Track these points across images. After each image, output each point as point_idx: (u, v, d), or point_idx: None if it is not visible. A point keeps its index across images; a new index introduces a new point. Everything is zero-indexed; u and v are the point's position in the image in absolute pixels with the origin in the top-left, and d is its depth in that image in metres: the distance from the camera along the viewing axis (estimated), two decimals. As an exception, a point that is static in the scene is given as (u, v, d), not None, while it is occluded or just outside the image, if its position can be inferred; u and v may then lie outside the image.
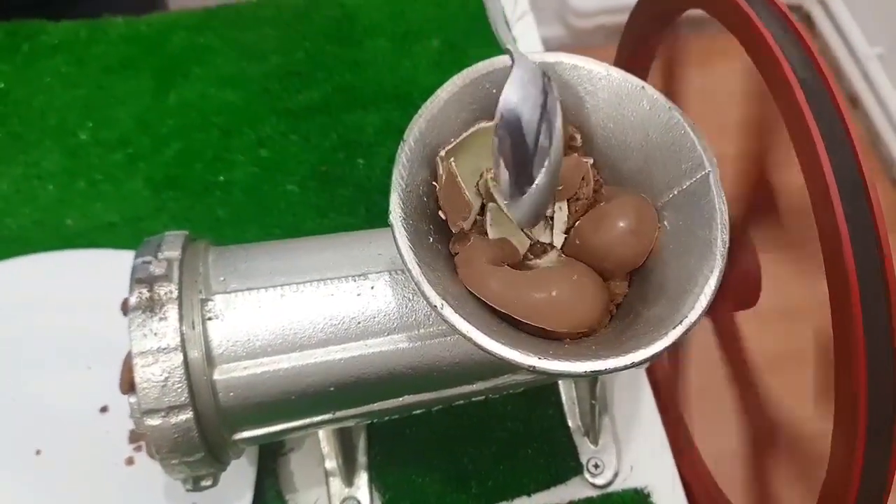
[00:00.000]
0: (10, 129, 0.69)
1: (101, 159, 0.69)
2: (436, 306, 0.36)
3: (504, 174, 0.34)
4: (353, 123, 0.72)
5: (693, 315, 0.36)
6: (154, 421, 0.40)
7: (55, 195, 0.67)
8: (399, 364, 0.43)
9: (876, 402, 0.35)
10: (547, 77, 0.35)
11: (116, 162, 0.68)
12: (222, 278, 0.43)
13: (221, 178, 0.68)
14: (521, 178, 0.33)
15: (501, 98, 0.33)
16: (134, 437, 0.55)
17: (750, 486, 0.50)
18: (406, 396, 0.45)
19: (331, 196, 0.68)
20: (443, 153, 0.40)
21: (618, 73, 0.42)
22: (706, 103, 0.54)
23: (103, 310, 0.58)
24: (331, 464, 0.54)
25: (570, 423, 0.57)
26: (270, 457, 0.56)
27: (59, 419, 0.55)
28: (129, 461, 0.55)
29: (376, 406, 0.45)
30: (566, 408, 0.57)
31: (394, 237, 0.38)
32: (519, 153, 0.32)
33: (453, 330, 0.35)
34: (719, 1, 0.41)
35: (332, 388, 0.43)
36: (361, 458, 0.55)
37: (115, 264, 0.60)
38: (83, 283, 0.59)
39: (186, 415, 0.40)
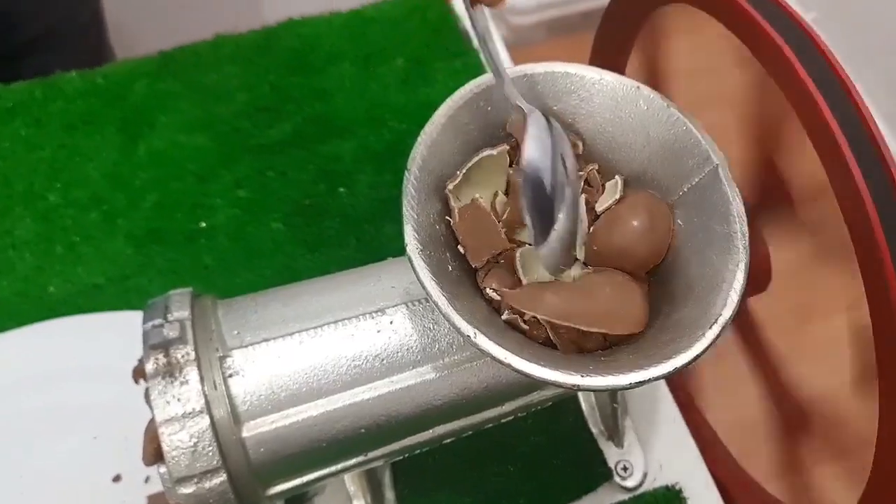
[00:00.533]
0: (-24, 201, 0.67)
1: (76, 220, 0.67)
2: (469, 336, 0.35)
3: (531, 227, 0.34)
4: (329, 153, 0.71)
5: (727, 312, 0.36)
6: (188, 489, 0.38)
7: (33, 263, 0.64)
8: (428, 396, 0.42)
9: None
10: (547, 118, 0.36)
11: (92, 221, 0.66)
12: (236, 332, 0.42)
13: (203, 224, 0.66)
14: (546, 223, 0.33)
15: (524, 160, 0.33)
16: (153, 502, 0.53)
17: (785, 470, 0.50)
18: (437, 428, 0.44)
19: (318, 230, 0.67)
20: (451, 187, 0.39)
21: (611, 77, 0.42)
22: (694, 77, 0.54)
23: (101, 376, 0.56)
24: (359, 503, 0.53)
25: (592, 429, 0.57)
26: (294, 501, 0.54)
27: (71, 494, 0.53)
28: (151, 529, 0.53)
29: (408, 441, 0.44)
30: (587, 414, 0.57)
31: (414, 270, 0.37)
32: (540, 200, 0.33)
33: (490, 357, 0.35)
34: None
35: (362, 430, 0.42)
36: (389, 494, 0.54)
37: (108, 328, 0.58)
38: (77, 350, 0.57)
39: (220, 478, 0.39)
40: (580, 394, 0.57)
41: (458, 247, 0.40)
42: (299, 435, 0.41)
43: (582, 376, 0.34)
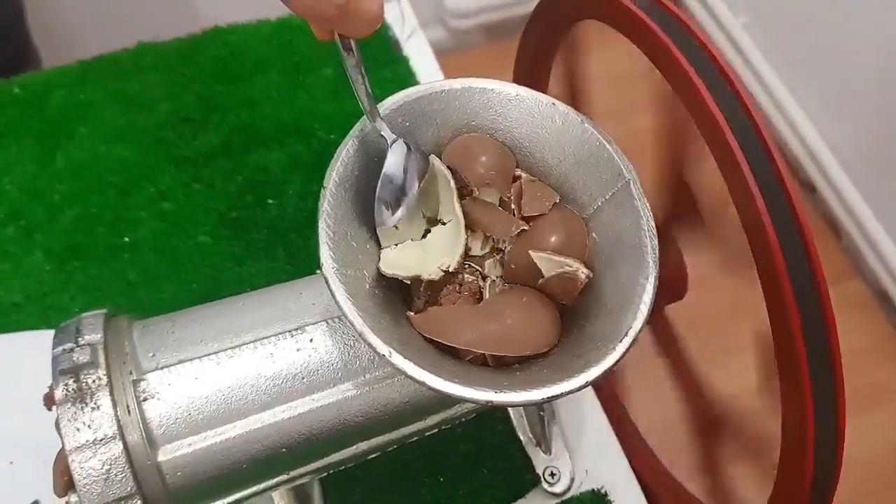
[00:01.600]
0: None
1: (-8, 236, 0.64)
2: (384, 355, 0.35)
3: (383, 209, 0.40)
4: (256, 163, 0.70)
5: (636, 325, 0.36)
6: (101, 517, 0.38)
7: (-54, 281, 0.62)
8: (349, 413, 0.42)
9: (817, 376, 0.37)
10: (408, 147, 0.41)
11: (9, 237, 0.64)
12: (152, 354, 0.41)
13: (126, 239, 0.65)
14: (394, 210, 0.40)
15: (384, 169, 0.40)
16: (74, 528, 0.52)
17: (702, 470, 0.52)
18: (360, 444, 0.44)
19: (245, 242, 0.66)
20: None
21: (527, 93, 0.43)
22: (616, 85, 0.55)
23: (18, 399, 0.54)
24: (288, 519, 0.53)
25: (521, 437, 0.57)
26: (223, 522, 0.54)
27: (-14, 523, 0.52)
28: (73, 555, 0.51)
29: (331, 458, 0.44)
30: (515, 422, 0.57)
31: (329, 290, 0.37)
32: (390, 196, 0.40)
33: (405, 376, 0.35)
34: (612, 9, 0.42)
35: (283, 450, 0.41)
36: (318, 508, 0.53)
37: (26, 348, 0.57)
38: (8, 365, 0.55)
39: (134, 504, 0.38)
40: (507, 403, 0.58)
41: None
42: (218, 457, 0.40)
43: (496, 392, 0.35)
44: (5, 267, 0.63)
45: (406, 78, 0.76)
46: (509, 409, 0.58)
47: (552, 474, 0.56)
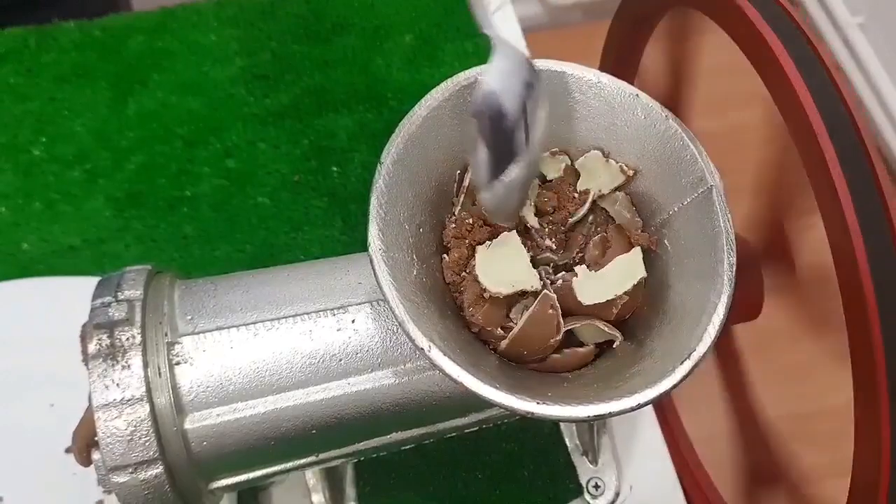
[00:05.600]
0: (-42, 148, 0.65)
1: (58, 177, 0.65)
2: (422, 348, 0.33)
3: (482, 155, 0.31)
4: (324, 128, 0.68)
5: (700, 349, 0.33)
6: (121, 478, 0.37)
7: (9, 218, 0.63)
8: (384, 401, 0.40)
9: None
10: (532, 66, 0.32)
11: (74, 179, 0.64)
12: (190, 317, 0.40)
13: (187, 192, 0.64)
14: (499, 165, 0.31)
15: (480, 85, 0.31)
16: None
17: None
18: (394, 434, 0.42)
19: (305, 208, 0.64)
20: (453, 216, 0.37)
21: (609, 81, 0.39)
22: (720, 76, 0.50)
23: (64, 343, 0.54)
24: (317, 497, 0.52)
25: (567, 443, 0.54)
26: (250, 492, 0.53)
27: (21, 462, 0.52)
28: (100, 504, 0.51)
29: (362, 445, 0.42)
30: (563, 427, 0.55)
31: (374, 272, 0.34)
32: (499, 141, 0.30)
33: (442, 373, 0.32)
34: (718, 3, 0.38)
35: (313, 431, 0.40)
36: (350, 490, 0.52)
37: (78, 293, 0.56)
38: (43, 314, 0.55)
39: (156, 469, 0.37)
40: (555, 405, 0.55)
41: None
42: (246, 431, 0.39)
43: (538, 403, 0.32)
44: (67, 209, 0.63)
45: (488, 52, 0.73)
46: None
47: (596, 486, 0.53)
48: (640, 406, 0.32)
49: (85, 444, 0.38)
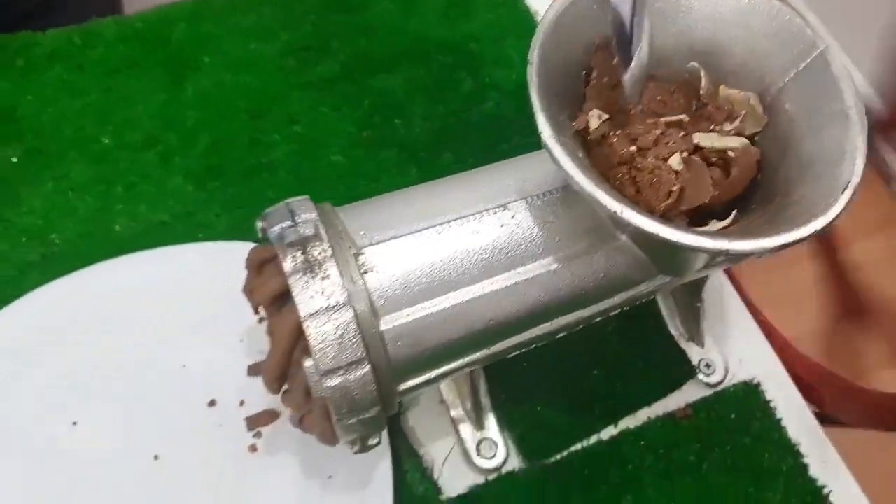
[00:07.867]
0: (28, 146, 0.66)
1: (133, 161, 0.66)
2: (615, 212, 0.37)
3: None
4: (379, 87, 0.71)
5: (856, 177, 0.38)
6: (334, 381, 0.39)
7: (94, 205, 0.64)
8: (551, 287, 0.44)
9: None
10: None
11: (149, 161, 0.66)
12: (363, 232, 0.43)
13: (263, 160, 0.67)
14: (626, 52, 0.41)
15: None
16: (252, 423, 0.54)
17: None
18: (557, 319, 0.45)
19: (377, 161, 0.67)
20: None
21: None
22: None
23: (192, 305, 0.56)
24: (457, 412, 0.55)
25: (672, 332, 0.59)
26: (391, 418, 0.56)
27: (170, 420, 0.54)
28: (252, 448, 0.53)
29: (530, 334, 0.45)
30: (666, 317, 0.59)
31: (553, 157, 0.38)
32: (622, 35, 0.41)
33: (638, 229, 0.36)
34: None
35: (491, 322, 0.43)
36: (485, 401, 0.55)
37: (205, 258, 0.58)
38: (175, 277, 0.57)
39: (364, 369, 0.40)
40: (660, 299, 0.59)
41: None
42: (434, 327, 0.42)
43: (729, 241, 0.36)
44: (149, 189, 0.65)
45: (515, 1, 0.77)
46: (661, 305, 0.59)
47: (707, 365, 0.57)
48: (817, 232, 0.36)
49: (279, 372, 0.40)
